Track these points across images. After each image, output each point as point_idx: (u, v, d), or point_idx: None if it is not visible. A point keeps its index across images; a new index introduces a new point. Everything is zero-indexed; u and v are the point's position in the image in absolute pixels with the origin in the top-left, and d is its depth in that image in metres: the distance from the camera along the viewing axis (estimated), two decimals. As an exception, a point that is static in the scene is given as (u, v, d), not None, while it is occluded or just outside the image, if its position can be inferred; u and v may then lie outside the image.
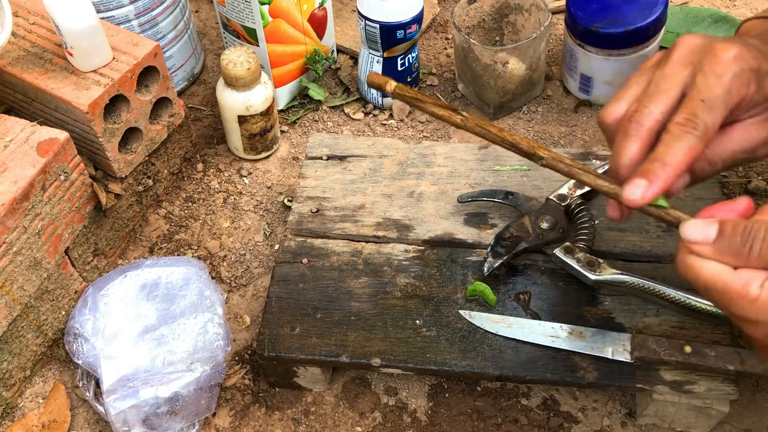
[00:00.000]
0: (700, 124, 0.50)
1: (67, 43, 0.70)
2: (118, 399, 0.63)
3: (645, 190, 0.51)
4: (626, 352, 0.62)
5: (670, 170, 0.50)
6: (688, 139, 0.50)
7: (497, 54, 0.85)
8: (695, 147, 0.50)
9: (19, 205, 0.63)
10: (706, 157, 0.53)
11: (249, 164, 0.90)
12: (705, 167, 0.54)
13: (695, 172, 0.54)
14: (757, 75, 0.51)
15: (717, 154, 0.53)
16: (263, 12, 0.84)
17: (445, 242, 0.73)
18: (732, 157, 0.54)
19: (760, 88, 0.52)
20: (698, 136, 0.50)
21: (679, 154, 0.50)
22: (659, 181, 0.50)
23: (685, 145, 0.50)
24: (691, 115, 0.50)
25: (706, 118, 0.50)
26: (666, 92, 0.52)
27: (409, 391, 0.71)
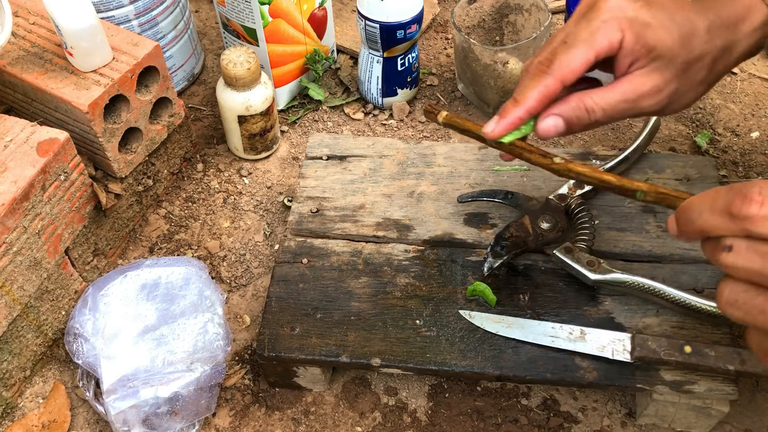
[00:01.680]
0: (554, 62, 0.52)
1: (67, 43, 0.70)
2: (118, 399, 0.63)
3: (495, 125, 0.54)
4: (626, 352, 0.62)
5: (520, 107, 0.53)
6: (542, 78, 0.53)
7: (497, 54, 0.85)
8: (548, 85, 0.52)
9: (19, 205, 0.63)
10: (584, 105, 0.53)
11: (249, 164, 0.90)
12: (582, 115, 0.54)
13: (572, 120, 0.54)
14: (632, 23, 0.52)
15: (597, 102, 0.53)
16: (263, 12, 0.84)
17: (445, 242, 0.73)
18: (613, 107, 0.54)
19: (640, 38, 0.52)
20: (551, 74, 0.52)
21: (530, 93, 0.53)
22: (509, 116, 0.53)
23: (538, 83, 0.53)
24: (549, 54, 0.53)
25: (562, 57, 0.52)
26: (550, 42, 0.55)
27: (409, 391, 0.71)
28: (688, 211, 0.45)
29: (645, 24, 0.53)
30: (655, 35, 0.53)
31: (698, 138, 0.89)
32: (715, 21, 0.55)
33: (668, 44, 0.53)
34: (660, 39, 0.53)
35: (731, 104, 0.94)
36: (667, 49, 0.53)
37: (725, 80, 0.97)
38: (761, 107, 0.94)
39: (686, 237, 0.47)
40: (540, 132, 0.54)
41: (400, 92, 0.93)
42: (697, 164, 0.77)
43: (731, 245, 0.43)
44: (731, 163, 0.87)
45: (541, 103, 0.53)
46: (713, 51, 0.55)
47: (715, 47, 0.55)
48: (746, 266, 0.42)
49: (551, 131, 0.54)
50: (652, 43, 0.53)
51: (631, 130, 0.91)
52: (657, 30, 0.53)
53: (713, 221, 0.43)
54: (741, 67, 0.99)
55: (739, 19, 0.56)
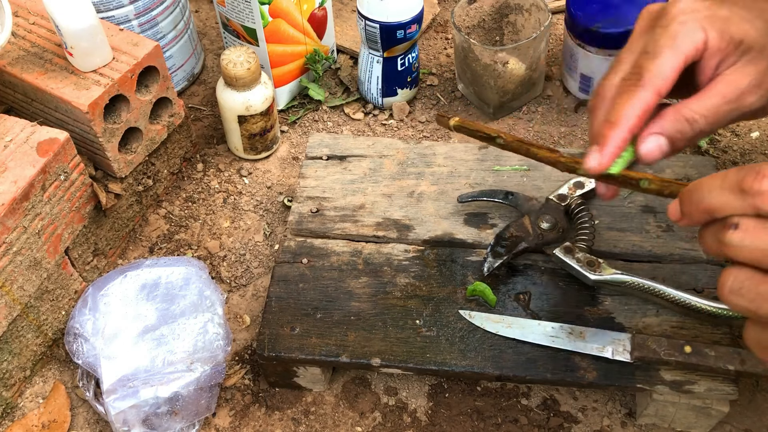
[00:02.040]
0: (644, 74, 0.49)
1: (67, 43, 0.70)
2: (118, 399, 0.63)
3: (599, 155, 0.49)
4: (626, 352, 0.62)
5: (618, 128, 0.48)
6: (634, 91, 0.49)
7: (497, 54, 0.85)
8: (643, 98, 0.48)
9: (19, 205, 0.63)
10: (683, 117, 0.50)
11: (249, 164, 0.90)
12: (684, 128, 0.50)
13: (674, 137, 0.50)
14: (712, 21, 0.50)
15: (696, 111, 0.50)
16: (263, 12, 0.84)
17: (445, 242, 0.73)
18: (715, 112, 0.50)
19: (724, 34, 0.49)
20: (644, 86, 0.48)
21: (625, 109, 0.48)
22: (611, 142, 0.48)
23: (631, 98, 0.49)
24: (635, 68, 0.50)
25: (651, 66, 0.49)
26: (624, 62, 0.51)
27: (409, 391, 0.71)
28: (695, 191, 0.43)
29: (725, 19, 0.50)
30: (739, 28, 0.49)
31: None
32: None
33: (754, 35, 0.50)
34: (745, 31, 0.49)
35: (731, 104, 0.94)
36: (754, 40, 0.49)
37: (725, 80, 0.97)
38: (761, 107, 0.94)
39: (690, 219, 0.44)
40: (644, 155, 0.50)
41: (400, 92, 0.93)
42: (697, 164, 0.77)
43: (738, 223, 0.41)
44: (731, 163, 0.87)
45: (641, 120, 0.49)
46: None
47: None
48: (753, 245, 0.40)
49: (655, 153, 0.50)
50: (738, 37, 0.49)
51: (631, 130, 0.91)
52: (739, 23, 0.50)
53: (722, 197, 0.41)
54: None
55: None
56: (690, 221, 0.44)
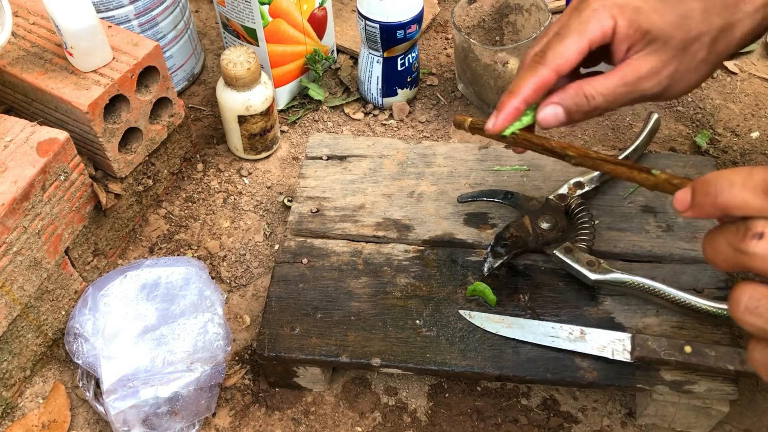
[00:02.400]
0: (548, 53, 0.53)
1: (67, 43, 0.70)
2: (118, 399, 0.63)
3: (495, 119, 0.55)
4: (626, 352, 0.62)
5: (516, 97, 0.54)
6: (536, 68, 0.54)
7: (497, 54, 0.85)
8: (543, 74, 0.53)
9: (19, 205, 0.63)
10: (582, 92, 0.54)
11: (249, 164, 0.90)
12: (582, 102, 0.54)
13: (571, 108, 0.54)
14: (623, 9, 0.53)
15: (596, 88, 0.54)
16: (263, 12, 0.84)
17: (445, 242, 0.73)
18: (612, 92, 0.54)
19: (632, 23, 0.53)
20: (545, 64, 0.53)
21: (525, 83, 0.54)
22: (506, 108, 0.54)
23: (530, 73, 0.54)
24: (543, 47, 0.54)
25: (556, 47, 0.54)
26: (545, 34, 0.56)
27: (409, 391, 0.71)
28: (713, 182, 0.41)
29: (636, 9, 0.53)
30: (648, 19, 0.53)
31: (698, 138, 0.89)
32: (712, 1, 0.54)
33: (662, 26, 0.53)
34: (653, 22, 0.53)
35: (731, 104, 0.94)
36: (661, 31, 0.53)
37: (725, 80, 0.97)
38: (761, 107, 0.94)
39: (699, 211, 0.42)
40: (540, 121, 0.55)
41: (400, 92, 0.93)
42: (697, 164, 0.77)
43: (764, 232, 0.38)
44: (731, 163, 0.87)
45: (536, 92, 0.54)
46: (711, 30, 0.55)
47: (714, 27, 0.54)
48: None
49: (551, 120, 0.55)
50: (645, 27, 0.53)
51: (631, 130, 0.91)
52: (649, 14, 0.53)
53: (744, 195, 0.39)
54: (741, 67, 0.99)
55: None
56: (699, 214, 0.43)
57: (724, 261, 0.42)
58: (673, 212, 0.73)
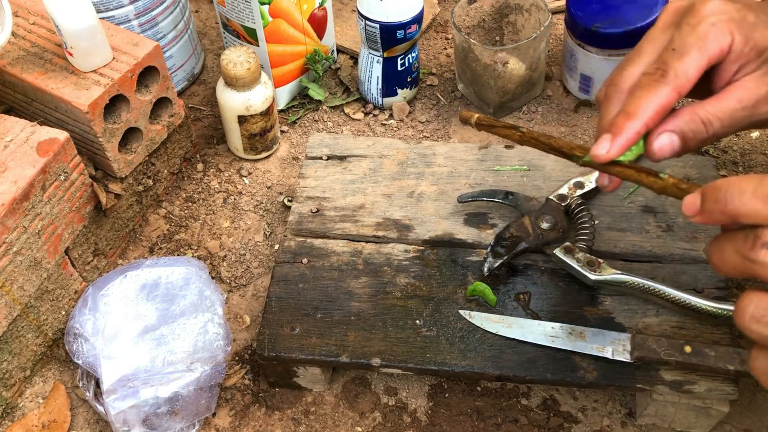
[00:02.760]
0: (669, 71, 0.48)
1: (67, 43, 0.70)
2: (118, 399, 0.63)
3: (609, 144, 0.49)
4: (626, 352, 0.62)
5: (635, 120, 0.48)
6: (656, 87, 0.48)
7: (497, 54, 0.85)
8: (664, 95, 0.48)
9: (19, 205, 0.63)
10: (698, 118, 0.50)
11: (249, 164, 0.90)
12: (699, 129, 0.50)
13: (687, 136, 0.50)
14: (740, 25, 0.49)
15: (712, 114, 0.50)
16: (263, 12, 0.84)
17: (445, 242, 0.73)
18: (730, 116, 0.50)
19: (749, 40, 0.49)
20: (667, 83, 0.48)
21: (644, 103, 0.48)
22: (624, 133, 0.48)
23: (651, 93, 0.48)
24: (659, 64, 0.49)
25: (676, 65, 0.48)
26: (645, 54, 0.51)
27: (409, 391, 0.71)
28: (724, 189, 0.40)
29: (752, 25, 0.49)
30: (764, 36, 0.49)
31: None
32: None
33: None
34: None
35: (731, 104, 0.94)
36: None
37: (725, 80, 0.97)
38: (761, 107, 0.94)
39: (708, 217, 0.41)
40: (656, 150, 0.50)
41: (400, 92, 0.93)
42: (697, 164, 0.77)
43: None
44: (731, 163, 0.87)
45: (658, 115, 0.49)
46: None
47: None
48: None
49: (667, 150, 0.50)
50: (762, 45, 0.49)
51: (631, 130, 0.91)
52: (764, 30, 0.49)
53: (755, 204, 0.38)
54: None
55: None
56: (708, 220, 0.42)
57: (731, 268, 0.41)
58: (673, 212, 0.73)
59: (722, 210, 0.40)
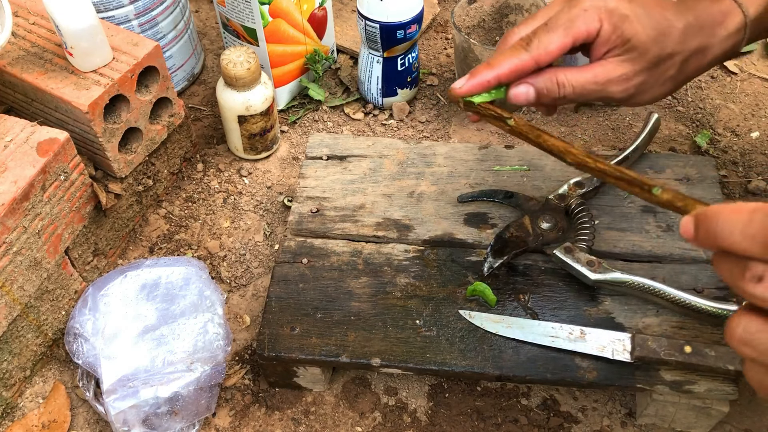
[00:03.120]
0: (533, 42, 0.57)
1: (67, 43, 0.70)
2: (118, 399, 0.63)
3: (465, 82, 0.58)
4: (626, 352, 0.62)
5: (491, 72, 0.57)
6: (518, 52, 0.57)
7: (497, 54, 0.85)
8: (523, 60, 0.57)
9: (19, 205, 0.63)
10: (555, 78, 0.58)
11: (249, 164, 0.90)
12: (552, 88, 0.58)
13: (541, 91, 0.58)
14: (611, 15, 0.56)
15: (568, 79, 0.58)
16: (263, 12, 0.84)
17: (445, 242, 0.73)
18: (582, 86, 0.58)
19: (616, 29, 0.56)
20: (528, 51, 0.57)
21: (504, 62, 0.57)
22: (479, 77, 0.57)
23: (513, 56, 0.57)
24: (531, 34, 0.57)
25: (542, 37, 0.57)
26: (535, 18, 0.59)
27: (409, 391, 0.71)
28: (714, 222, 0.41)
29: (623, 16, 0.56)
30: (632, 28, 0.56)
31: (698, 138, 0.89)
32: (692, 23, 0.58)
33: (642, 39, 0.56)
34: (635, 32, 0.56)
35: (731, 104, 0.94)
36: (640, 42, 0.56)
37: (725, 80, 0.97)
38: (761, 107, 0.94)
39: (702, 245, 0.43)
40: (511, 96, 0.58)
41: (400, 92, 0.93)
42: (697, 164, 0.77)
43: (763, 276, 0.38)
44: (731, 163, 0.87)
45: (512, 73, 0.57)
46: (685, 51, 0.59)
47: (689, 48, 0.58)
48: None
49: (521, 97, 0.58)
50: (627, 36, 0.56)
51: (631, 130, 0.92)
52: (634, 23, 0.56)
53: (744, 243, 0.39)
54: (741, 67, 0.99)
55: (716, 23, 0.59)
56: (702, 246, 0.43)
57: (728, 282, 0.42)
58: (673, 212, 0.73)
59: (713, 244, 0.41)
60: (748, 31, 0.61)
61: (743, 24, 0.60)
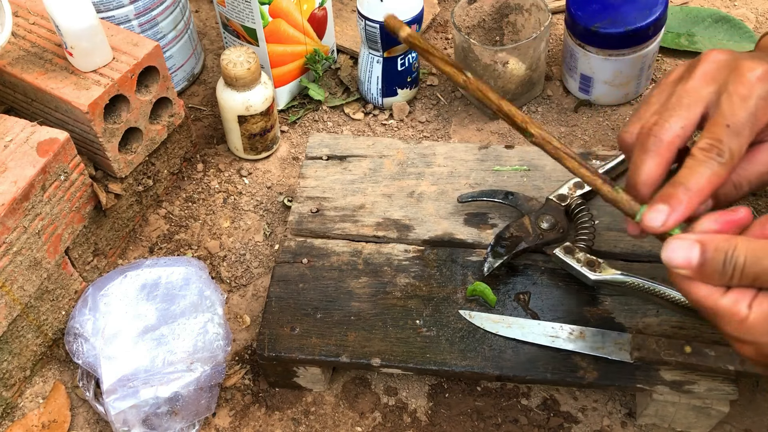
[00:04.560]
0: (725, 150, 0.48)
1: (67, 43, 0.70)
2: (118, 399, 0.63)
3: (667, 217, 0.48)
4: (626, 352, 0.62)
5: (693, 196, 0.48)
6: (712, 165, 0.48)
7: (497, 54, 0.85)
8: (719, 174, 0.48)
9: (19, 205, 0.63)
10: (731, 181, 0.52)
11: (249, 164, 0.90)
12: (730, 191, 0.52)
13: (719, 197, 0.52)
14: None
15: (743, 176, 0.52)
16: (263, 12, 0.84)
17: (445, 242, 0.73)
18: (759, 179, 0.52)
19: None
20: (723, 163, 0.48)
21: (702, 180, 0.48)
22: (681, 207, 0.48)
23: (708, 171, 0.48)
24: (715, 141, 0.49)
25: (732, 144, 0.48)
26: (688, 107, 0.51)
27: (409, 391, 0.71)
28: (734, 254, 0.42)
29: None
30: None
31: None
32: None
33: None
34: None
35: (731, 104, 0.94)
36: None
37: (725, 80, 0.97)
38: (761, 107, 0.94)
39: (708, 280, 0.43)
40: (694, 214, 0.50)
41: (400, 92, 0.93)
42: (697, 164, 0.77)
43: None
44: (731, 163, 0.87)
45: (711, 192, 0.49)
46: None
47: None
48: None
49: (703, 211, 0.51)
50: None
51: (631, 130, 0.91)
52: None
53: None
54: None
55: None
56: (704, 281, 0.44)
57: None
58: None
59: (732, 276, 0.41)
60: None
61: None
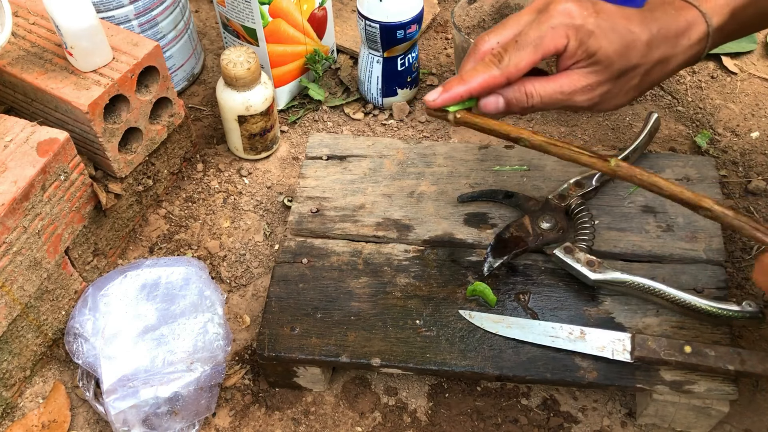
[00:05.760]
0: (504, 59, 0.59)
1: (67, 43, 0.70)
2: (118, 399, 0.63)
3: (438, 95, 0.60)
4: (626, 352, 0.62)
5: (464, 86, 0.59)
6: (490, 68, 0.59)
7: (497, 54, 0.85)
8: (494, 76, 0.59)
9: (19, 205, 0.63)
10: (524, 89, 0.60)
11: (249, 164, 0.90)
12: (521, 98, 0.60)
13: (511, 101, 0.60)
14: (578, 31, 0.58)
15: (538, 88, 0.60)
16: (263, 12, 0.84)
17: (445, 242, 0.73)
18: (549, 96, 0.60)
19: (582, 44, 0.58)
20: (500, 68, 0.59)
21: (477, 77, 0.59)
22: (452, 91, 0.59)
23: (485, 71, 0.59)
24: (502, 50, 0.59)
25: (513, 55, 0.58)
26: (506, 28, 0.61)
27: (409, 391, 0.71)
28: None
29: (589, 33, 0.58)
30: (597, 43, 0.58)
31: (698, 138, 0.89)
32: (656, 34, 0.60)
33: (607, 53, 0.58)
34: (600, 47, 0.58)
35: (731, 104, 0.94)
36: (605, 56, 0.58)
37: (725, 80, 0.97)
38: (761, 107, 0.94)
39: None
40: (481, 105, 0.61)
41: (400, 92, 0.93)
42: (697, 164, 0.77)
43: None
44: (731, 163, 0.87)
45: (483, 89, 0.59)
46: (649, 62, 0.60)
47: (652, 59, 0.60)
48: None
49: (491, 107, 0.61)
50: (592, 50, 0.58)
51: (631, 130, 0.91)
52: (599, 38, 0.58)
53: None
54: (741, 67, 0.99)
55: (679, 33, 0.61)
56: None
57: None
58: (673, 212, 0.73)
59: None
60: (711, 39, 0.62)
61: (706, 33, 0.62)
